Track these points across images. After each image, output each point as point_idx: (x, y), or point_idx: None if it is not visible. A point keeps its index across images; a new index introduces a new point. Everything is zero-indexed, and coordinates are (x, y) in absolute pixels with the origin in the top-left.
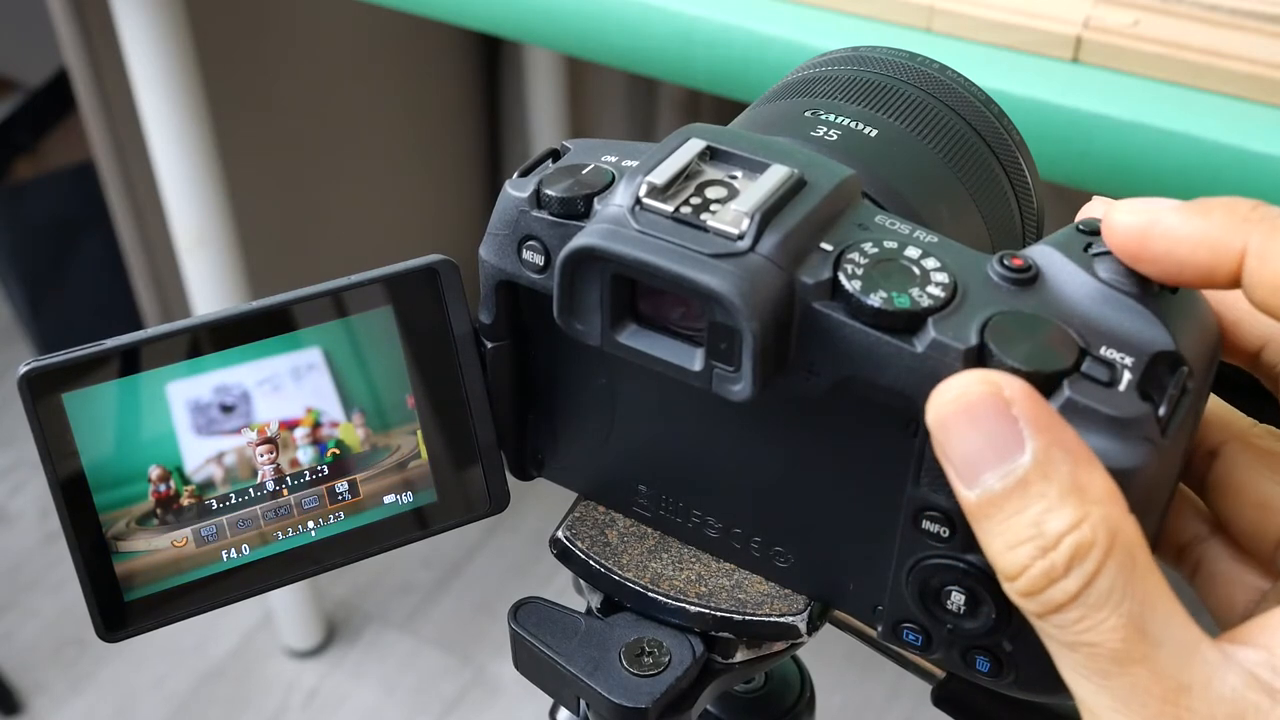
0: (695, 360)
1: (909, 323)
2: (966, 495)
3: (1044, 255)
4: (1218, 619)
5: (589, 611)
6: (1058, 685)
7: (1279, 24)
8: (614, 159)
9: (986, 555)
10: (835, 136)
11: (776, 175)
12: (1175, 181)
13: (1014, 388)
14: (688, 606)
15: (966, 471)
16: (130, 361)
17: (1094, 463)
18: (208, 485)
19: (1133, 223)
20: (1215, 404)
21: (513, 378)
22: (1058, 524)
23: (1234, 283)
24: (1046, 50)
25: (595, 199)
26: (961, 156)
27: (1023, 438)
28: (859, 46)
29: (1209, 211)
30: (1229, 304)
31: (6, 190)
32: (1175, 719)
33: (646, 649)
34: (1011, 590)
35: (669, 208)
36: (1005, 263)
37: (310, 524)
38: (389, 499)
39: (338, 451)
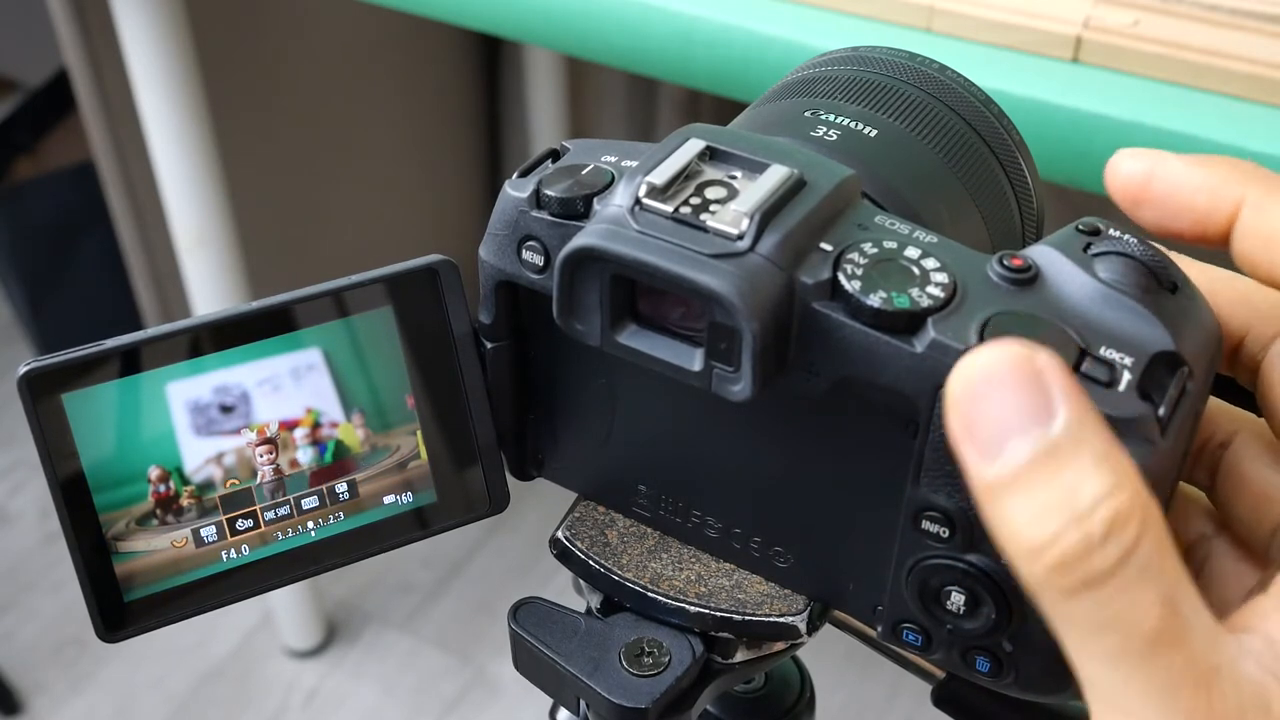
0: (695, 360)
1: (909, 323)
2: (985, 471)
3: (1044, 255)
4: (1217, 616)
5: (589, 611)
6: (1058, 685)
7: (1279, 24)
8: (614, 159)
9: (1001, 537)
10: (835, 136)
11: (776, 175)
12: None
13: (1043, 357)
14: (687, 606)
15: (990, 443)
16: (130, 362)
17: (1117, 440)
18: (207, 485)
19: (1137, 166)
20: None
21: (513, 378)
22: (1093, 489)
23: (1224, 235)
24: (1046, 50)
25: (595, 199)
26: (961, 156)
27: (1054, 406)
28: (859, 46)
29: (1211, 162)
30: (1210, 301)
31: (6, 190)
32: (1208, 704)
33: (646, 649)
34: (1038, 566)
35: (669, 208)
36: (1005, 263)
37: (310, 524)
38: (389, 499)
39: (338, 452)
